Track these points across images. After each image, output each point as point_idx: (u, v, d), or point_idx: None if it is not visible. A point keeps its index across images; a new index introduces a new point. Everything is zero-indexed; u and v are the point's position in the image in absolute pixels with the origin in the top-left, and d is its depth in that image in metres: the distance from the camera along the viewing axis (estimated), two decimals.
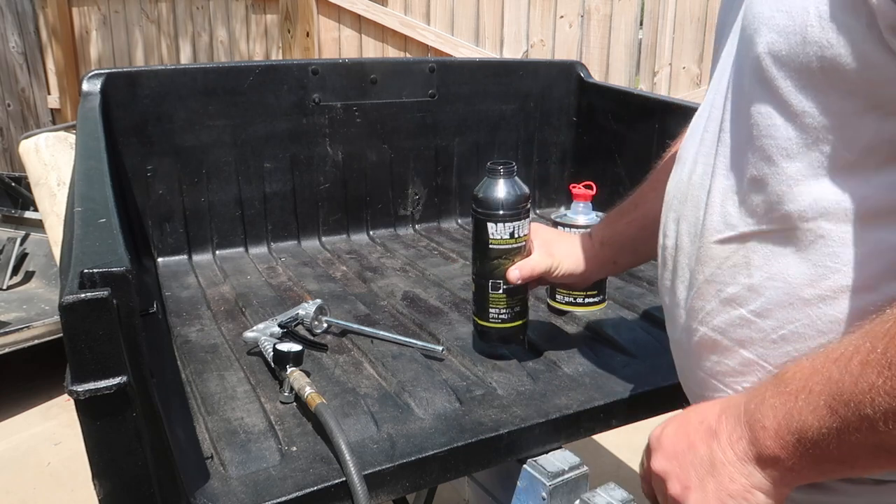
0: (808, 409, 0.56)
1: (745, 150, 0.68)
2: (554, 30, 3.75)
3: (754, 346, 0.68)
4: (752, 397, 0.63)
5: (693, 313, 0.75)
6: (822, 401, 0.55)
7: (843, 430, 0.54)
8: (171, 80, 1.66)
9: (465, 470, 1.02)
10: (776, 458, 0.60)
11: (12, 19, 4.98)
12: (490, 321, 1.18)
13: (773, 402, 0.60)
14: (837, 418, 0.54)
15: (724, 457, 0.63)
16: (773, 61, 0.62)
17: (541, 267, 1.13)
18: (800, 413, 0.57)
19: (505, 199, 1.11)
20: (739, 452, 0.62)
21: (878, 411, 0.51)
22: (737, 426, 0.63)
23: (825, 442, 0.56)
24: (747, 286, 0.68)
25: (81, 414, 0.68)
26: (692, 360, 0.77)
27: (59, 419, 2.73)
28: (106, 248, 0.76)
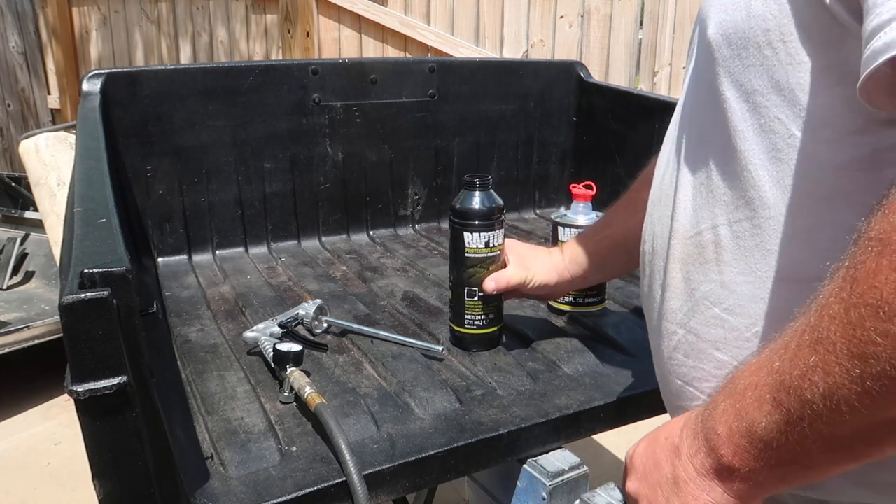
0: (754, 406, 0.53)
1: (706, 139, 0.67)
2: (554, 30, 3.75)
3: (729, 348, 0.66)
4: (707, 405, 0.60)
5: (668, 315, 0.73)
6: (767, 394, 0.52)
7: (790, 422, 0.50)
8: (171, 80, 1.66)
9: (465, 470, 1.02)
10: (732, 468, 0.56)
11: (12, 19, 4.98)
12: (466, 327, 1.24)
13: (725, 406, 0.57)
14: (782, 410, 0.51)
15: (685, 474, 0.60)
16: (723, 41, 0.62)
17: (515, 279, 1.19)
18: (747, 411, 0.54)
19: (480, 210, 1.19)
20: (698, 466, 0.59)
21: (816, 394, 0.47)
22: (695, 439, 0.60)
23: (775, 439, 0.52)
24: (719, 283, 0.66)
25: (81, 414, 0.68)
26: (669, 368, 0.75)
27: (59, 419, 2.73)
28: (106, 248, 0.76)
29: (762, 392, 0.52)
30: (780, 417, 0.51)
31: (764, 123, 0.60)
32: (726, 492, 0.57)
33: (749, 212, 0.62)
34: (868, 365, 0.43)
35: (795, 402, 0.49)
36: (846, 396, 0.45)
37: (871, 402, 0.44)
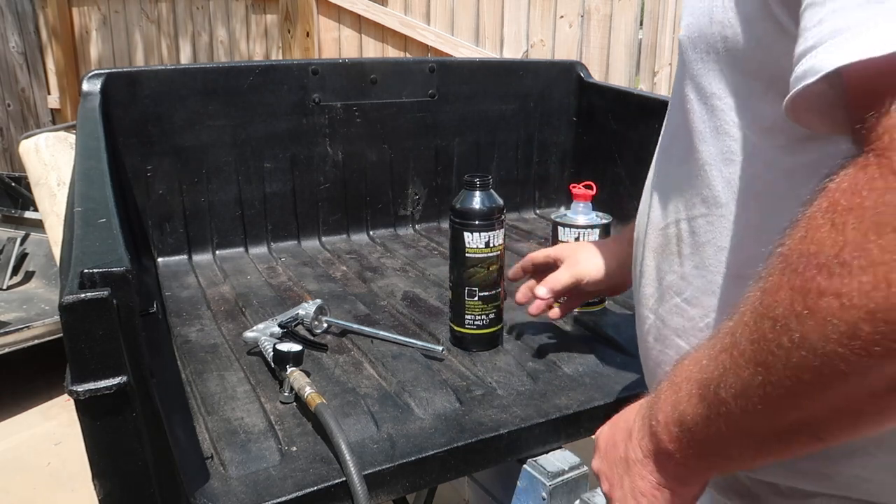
0: (685, 398, 0.55)
1: (675, 136, 0.71)
2: (554, 30, 3.75)
3: (687, 336, 0.69)
4: (655, 392, 0.62)
5: (643, 300, 0.77)
6: (695, 388, 0.54)
7: (710, 417, 0.52)
8: (171, 80, 1.66)
9: (465, 470, 1.02)
10: (668, 453, 0.59)
11: (12, 19, 4.98)
12: (466, 327, 1.24)
13: (665, 395, 0.59)
14: (704, 405, 0.53)
15: (634, 455, 0.63)
16: (689, 44, 0.64)
17: (564, 279, 1.12)
18: (680, 402, 0.56)
19: (480, 210, 1.19)
20: (644, 449, 0.62)
21: (729, 394, 0.49)
22: (643, 424, 0.63)
23: (700, 431, 0.54)
24: (680, 274, 0.70)
25: (81, 414, 0.68)
26: (644, 351, 0.79)
27: (59, 419, 2.73)
28: (106, 248, 0.76)
29: (692, 386, 0.55)
30: (703, 412, 0.53)
31: (720, 126, 0.63)
32: (665, 474, 0.61)
33: (704, 209, 0.66)
34: (769, 373, 0.45)
35: (714, 400, 0.51)
36: (752, 399, 0.47)
37: (772, 407, 0.47)
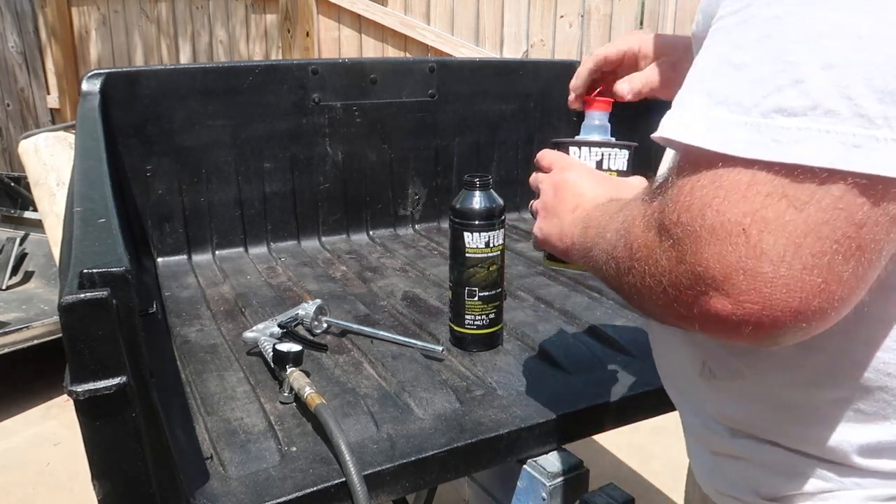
0: (586, 233, 0.72)
1: None
2: (554, 30, 3.75)
3: None
4: (593, 207, 0.74)
5: None
6: (589, 225, 0.71)
7: (585, 245, 0.70)
8: (171, 80, 1.66)
9: (465, 470, 1.02)
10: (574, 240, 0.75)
11: (11, 19, 4.98)
12: (466, 327, 1.24)
13: (588, 214, 0.74)
14: (586, 237, 0.71)
15: (568, 204, 0.79)
16: (695, 42, 0.64)
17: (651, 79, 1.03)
18: (587, 225, 0.72)
19: (480, 210, 1.18)
20: (573, 212, 0.78)
21: (596, 245, 0.66)
22: (579, 220, 0.76)
23: (578, 244, 0.73)
24: None
25: (81, 414, 0.68)
26: None
27: (59, 419, 2.73)
28: (105, 248, 0.76)
29: (589, 222, 0.71)
30: (583, 241, 0.71)
31: None
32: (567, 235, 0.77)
33: None
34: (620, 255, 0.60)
35: (588, 241, 0.69)
36: (603, 259, 0.64)
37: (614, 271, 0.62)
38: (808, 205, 0.45)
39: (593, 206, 0.74)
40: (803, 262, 0.46)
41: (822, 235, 0.45)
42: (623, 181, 0.88)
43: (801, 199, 0.46)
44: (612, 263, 0.61)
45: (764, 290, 0.47)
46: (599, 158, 0.96)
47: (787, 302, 0.47)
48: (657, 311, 0.56)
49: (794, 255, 0.46)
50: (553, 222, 0.80)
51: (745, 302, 0.47)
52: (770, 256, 0.46)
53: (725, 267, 0.47)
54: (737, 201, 0.47)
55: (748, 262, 0.46)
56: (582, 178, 0.81)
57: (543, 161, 0.87)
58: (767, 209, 0.46)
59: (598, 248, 0.66)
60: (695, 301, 0.50)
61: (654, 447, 2.51)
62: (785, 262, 0.46)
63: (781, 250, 0.46)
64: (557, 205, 0.80)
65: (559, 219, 0.79)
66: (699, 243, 0.48)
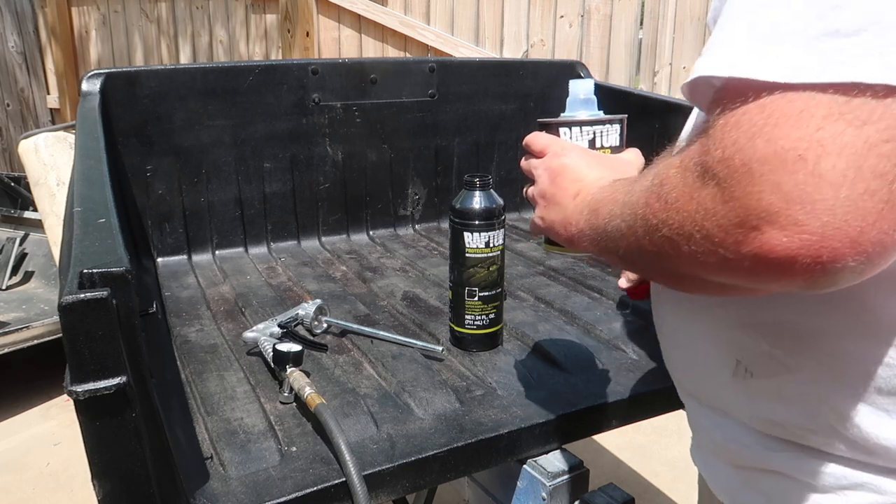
0: (589, 209, 0.70)
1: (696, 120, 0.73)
2: (554, 30, 3.75)
3: None
4: (600, 188, 0.72)
5: None
6: (598, 206, 0.69)
7: (595, 226, 0.68)
8: (171, 80, 1.66)
9: (465, 470, 1.02)
10: (578, 224, 0.73)
11: (11, 19, 4.98)
12: (466, 327, 1.24)
13: (593, 196, 0.72)
14: (600, 223, 0.67)
15: (569, 190, 0.77)
16: (713, 24, 0.63)
17: None
18: (595, 207, 0.70)
19: (480, 210, 1.18)
20: (576, 204, 0.75)
21: (609, 225, 0.64)
22: (584, 203, 0.74)
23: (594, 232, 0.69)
24: None
25: (81, 414, 0.68)
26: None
27: (59, 419, 2.73)
28: (105, 248, 0.76)
29: (599, 202, 0.69)
30: (594, 223, 0.69)
31: None
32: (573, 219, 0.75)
33: None
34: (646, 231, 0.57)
35: (600, 220, 0.67)
36: (622, 229, 0.61)
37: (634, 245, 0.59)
38: (868, 124, 0.43)
39: (597, 188, 0.72)
40: (865, 185, 0.43)
41: (883, 154, 0.43)
42: (619, 159, 0.87)
43: (859, 119, 0.43)
44: (637, 227, 0.57)
45: (823, 217, 0.44)
46: (591, 137, 0.93)
47: (846, 231, 0.44)
48: (695, 265, 0.52)
49: (855, 177, 0.43)
50: (555, 210, 0.77)
51: (803, 233, 0.44)
52: (830, 180, 0.43)
53: (782, 197, 0.44)
54: (790, 127, 0.44)
55: (806, 188, 0.44)
56: (579, 161, 0.79)
57: (535, 145, 0.84)
58: (824, 131, 0.44)
59: (616, 221, 0.62)
60: (744, 240, 0.47)
61: (654, 447, 2.51)
62: (845, 185, 0.43)
63: (841, 173, 0.43)
64: (557, 192, 0.78)
65: (561, 206, 0.77)
66: (750, 176, 0.45)
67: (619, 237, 0.62)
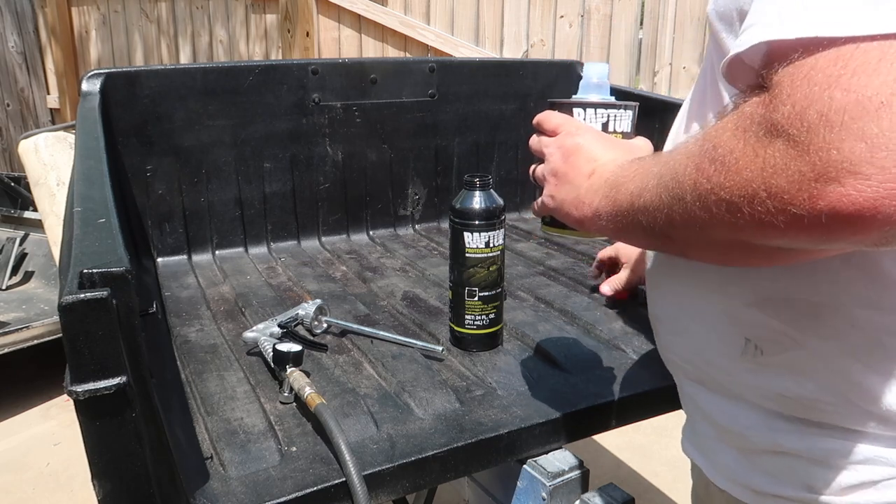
0: (617, 185, 0.68)
1: (697, 106, 0.72)
2: (554, 30, 3.74)
3: None
4: (621, 165, 0.71)
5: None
6: (609, 188, 0.68)
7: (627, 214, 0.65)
8: (171, 80, 1.66)
9: (465, 470, 1.02)
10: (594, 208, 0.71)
11: (11, 19, 4.98)
12: (466, 327, 1.24)
13: (618, 175, 0.69)
14: (629, 206, 0.65)
15: (583, 169, 0.75)
16: (715, 16, 0.64)
17: (624, 279, 1.32)
18: (621, 183, 0.67)
19: (480, 210, 1.18)
20: (590, 184, 0.74)
21: (644, 201, 0.61)
22: (603, 184, 0.72)
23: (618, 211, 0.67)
24: None
25: (81, 414, 0.68)
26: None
27: (59, 419, 2.73)
28: (105, 248, 0.76)
29: (620, 180, 0.67)
30: (613, 202, 0.67)
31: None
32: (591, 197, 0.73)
33: None
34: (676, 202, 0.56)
35: (622, 199, 0.65)
36: (657, 202, 0.59)
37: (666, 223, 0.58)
38: None
39: (616, 166, 0.70)
40: None
41: None
42: (633, 144, 0.85)
43: None
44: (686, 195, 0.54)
45: None
46: (605, 120, 0.92)
47: None
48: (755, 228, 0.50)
49: None
50: (566, 189, 0.75)
51: (887, 181, 0.43)
52: None
53: (867, 144, 0.43)
54: (869, 75, 0.44)
55: (892, 134, 0.43)
56: (593, 142, 0.77)
57: (548, 123, 0.82)
58: None
59: (649, 194, 0.60)
60: (821, 193, 0.45)
61: (655, 447, 2.51)
62: None
63: None
64: (569, 171, 0.76)
65: (573, 185, 0.74)
66: (829, 126, 0.44)
67: (654, 210, 0.59)
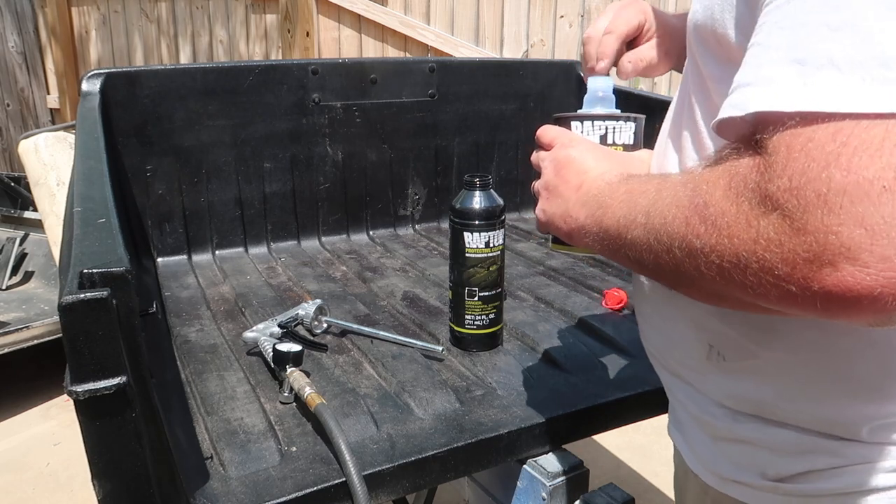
0: (602, 206, 0.67)
1: (671, 118, 0.74)
2: (554, 30, 3.75)
3: None
4: (610, 181, 0.70)
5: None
6: (595, 205, 0.68)
7: (611, 242, 0.65)
8: (171, 80, 1.66)
9: (465, 470, 1.02)
10: (580, 219, 0.71)
11: (11, 19, 4.98)
12: (466, 327, 1.24)
13: (610, 205, 0.68)
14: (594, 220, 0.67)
15: (573, 182, 0.75)
16: (694, 29, 0.64)
17: (649, 56, 1.01)
18: (608, 205, 0.67)
19: (480, 210, 1.18)
20: (579, 196, 0.73)
21: (629, 231, 0.61)
22: (591, 197, 0.71)
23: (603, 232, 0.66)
24: None
25: (81, 414, 0.68)
26: None
27: (59, 419, 2.73)
28: (105, 248, 0.76)
29: (606, 200, 0.66)
30: (599, 222, 0.67)
31: (713, 113, 0.62)
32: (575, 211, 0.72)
33: None
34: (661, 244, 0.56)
35: (608, 221, 0.64)
36: (646, 242, 0.58)
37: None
38: None
39: (603, 183, 0.70)
40: None
41: None
42: (630, 156, 0.84)
43: None
44: (674, 247, 0.54)
45: None
46: (603, 132, 0.90)
47: None
48: (747, 294, 0.49)
49: None
50: (556, 203, 0.75)
51: (886, 270, 0.42)
52: None
53: (866, 231, 0.42)
54: (871, 157, 0.42)
55: (893, 223, 0.41)
56: (585, 154, 0.77)
57: (544, 137, 0.82)
58: None
59: (638, 230, 0.59)
60: (816, 276, 0.44)
61: (655, 447, 2.51)
62: None
63: None
64: (560, 184, 0.75)
65: (563, 199, 0.74)
66: (827, 208, 0.43)
67: (642, 250, 0.59)
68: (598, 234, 0.67)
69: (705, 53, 0.63)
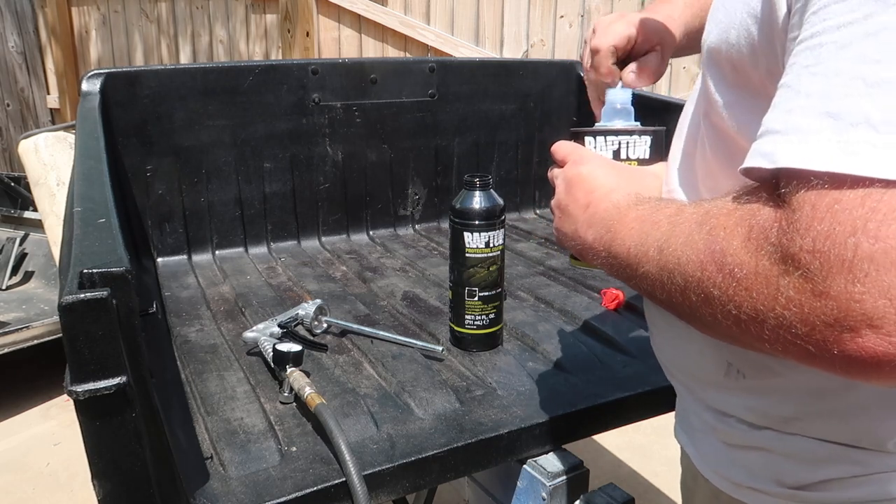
0: (611, 232, 0.67)
1: (685, 135, 0.72)
2: (554, 30, 3.74)
3: None
4: (619, 202, 0.70)
5: None
6: (603, 228, 0.68)
7: (608, 251, 0.66)
8: (171, 80, 1.66)
9: (465, 470, 1.02)
10: (586, 238, 0.71)
11: (11, 19, 4.98)
12: (466, 327, 1.24)
13: (619, 228, 0.68)
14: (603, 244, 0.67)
15: (582, 200, 0.75)
16: (707, 52, 0.63)
17: (655, 64, 0.98)
18: (616, 230, 0.67)
19: (480, 210, 1.18)
20: (587, 217, 0.73)
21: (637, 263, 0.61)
22: (598, 216, 0.72)
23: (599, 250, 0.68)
24: None
25: (81, 414, 0.68)
26: None
27: (59, 419, 2.73)
28: (105, 248, 0.76)
29: (615, 225, 0.66)
30: (607, 246, 0.67)
31: (723, 137, 0.63)
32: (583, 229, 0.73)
33: None
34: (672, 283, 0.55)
35: (617, 248, 0.64)
36: (660, 278, 0.57)
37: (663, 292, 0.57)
38: None
39: (610, 204, 0.69)
40: None
41: None
42: (642, 171, 0.83)
43: None
44: (689, 291, 0.53)
45: None
46: (616, 147, 0.90)
47: None
48: (763, 347, 0.49)
49: None
50: (567, 221, 0.75)
51: None
52: None
53: (889, 302, 0.41)
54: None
55: None
56: (596, 171, 0.76)
57: (557, 154, 0.82)
58: None
59: (649, 266, 0.58)
60: (837, 340, 0.43)
61: (655, 447, 2.51)
62: None
63: None
64: (570, 203, 0.75)
65: (572, 218, 0.74)
66: (851, 274, 0.42)
67: (655, 287, 0.58)
68: (607, 258, 0.67)
69: (717, 76, 0.62)
